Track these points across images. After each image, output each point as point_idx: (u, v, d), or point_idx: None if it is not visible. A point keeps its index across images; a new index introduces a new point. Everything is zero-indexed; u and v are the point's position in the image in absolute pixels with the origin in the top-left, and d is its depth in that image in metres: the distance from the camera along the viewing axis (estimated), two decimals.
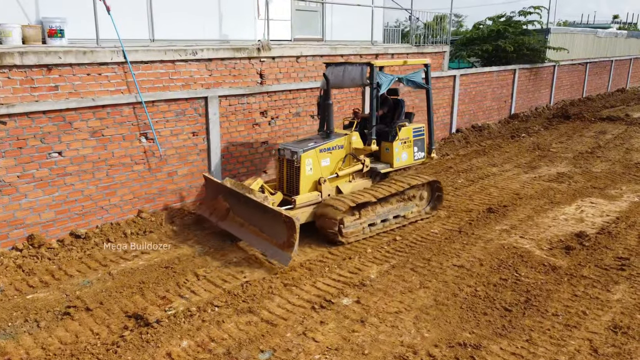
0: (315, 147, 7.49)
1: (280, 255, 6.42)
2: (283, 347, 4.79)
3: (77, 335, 4.99)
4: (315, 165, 7.50)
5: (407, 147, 8.33)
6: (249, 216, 7.02)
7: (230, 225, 7.28)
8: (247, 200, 6.92)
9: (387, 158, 8.21)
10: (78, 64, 6.87)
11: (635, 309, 5.44)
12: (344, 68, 7.99)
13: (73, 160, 7.07)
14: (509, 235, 7.54)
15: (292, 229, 6.23)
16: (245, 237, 7.00)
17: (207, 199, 8.01)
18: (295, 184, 7.45)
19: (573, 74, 22.31)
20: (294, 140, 8.48)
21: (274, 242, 6.55)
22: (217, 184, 7.62)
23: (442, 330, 5.08)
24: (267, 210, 6.62)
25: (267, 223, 6.67)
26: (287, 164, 7.55)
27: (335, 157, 7.75)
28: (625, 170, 11.28)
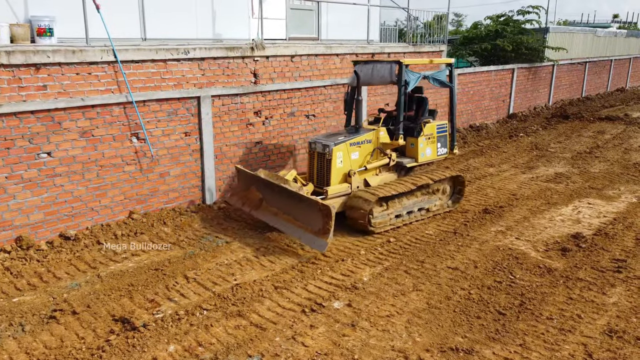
0: (345, 141, 7.82)
1: (316, 242, 6.66)
2: (271, 351, 4.70)
3: (62, 340, 4.89)
4: (346, 158, 7.83)
5: (431, 142, 8.68)
6: (283, 205, 7.30)
7: (264, 214, 7.57)
8: (282, 190, 7.22)
9: (412, 153, 8.58)
10: (67, 63, 6.77)
11: (632, 313, 5.35)
12: (373, 66, 8.29)
13: (62, 160, 6.98)
14: (505, 236, 7.45)
15: (328, 216, 6.51)
16: (280, 225, 7.25)
17: (239, 189, 8.27)
18: (326, 176, 7.80)
19: (572, 74, 22.21)
20: (324, 134, 8.73)
21: (309, 229, 6.80)
22: (251, 175, 7.92)
23: (434, 334, 4.98)
24: (302, 200, 6.93)
25: (302, 212, 6.96)
26: (317, 157, 7.90)
27: (364, 151, 8.09)
28: (623, 170, 11.18)
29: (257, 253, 6.87)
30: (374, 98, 11.72)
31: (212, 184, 8.74)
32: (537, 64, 18.82)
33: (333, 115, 10.78)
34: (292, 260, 6.66)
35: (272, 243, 7.20)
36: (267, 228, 7.76)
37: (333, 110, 10.75)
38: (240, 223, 8.01)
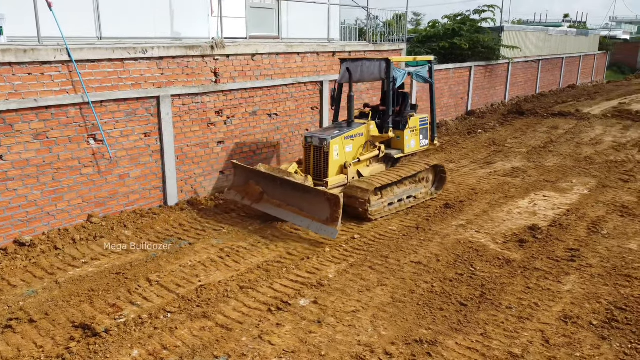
0: (341, 135, 8.29)
1: (326, 230, 7.04)
2: (238, 351, 4.67)
3: (19, 349, 4.72)
4: (341, 151, 8.31)
5: (415, 135, 9.34)
6: (286, 197, 7.63)
7: (266, 207, 7.86)
8: (285, 183, 7.59)
9: (398, 145, 9.21)
10: (18, 63, 6.52)
11: (585, 299, 5.59)
12: (362, 63, 8.82)
13: (15, 164, 6.72)
14: (465, 230, 7.64)
15: (337, 205, 6.90)
16: (284, 216, 7.60)
17: (237, 184, 8.49)
18: (323, 168, 8.23)
19: (527, 71, 22.95)
20: (318, 129, 9.19)
21: (317, 219, 7.17)
22: (249, 170, 8.26)
23: (399, 327, 5.07)
24: (308, 191, 7.34)
25: (308, 202, 7.32)
26: (314, 151, 8.31)
27: (357, 143, 8.60)
28: (575, 163, 11.64)
29: (222, 254, 6.81)
30: None
31: (173, 185, 8.60)
32: (493, 62, 19.36)
33: (295, 114, 10.79)
34: (257, 259, 6.64)
35: (237, 243, 7.16)
36: (230, 228, 7.71)
37: (295, 109, 10.75)
38: (203, 224, 7.91)
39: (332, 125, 9.05)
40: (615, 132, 15.37)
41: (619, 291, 5.74)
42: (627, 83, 31.17)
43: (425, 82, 9.50)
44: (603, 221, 7.94)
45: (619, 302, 5.50)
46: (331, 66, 11.46)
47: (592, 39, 31.95)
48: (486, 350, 4.66)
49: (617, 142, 13.80)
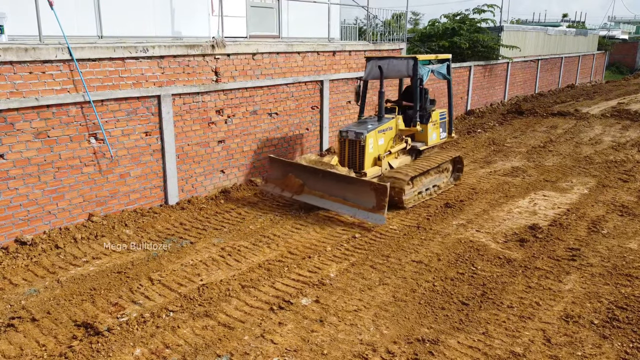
0: (375, 129, 8.79)
1: (374, 217, 7.56)
2: (240, 350, 4.68)
3: (21, 348, 4.73)
4: (375, 144, 8.85)
5: (436, 128, 9.95)
6: (329, 188, 8.11)
7: (309, 198, 8.33)
8: (329, 175, 8.08)
9: (421, 137, 9.80)
10: (19, 61, 6.52)
11: (586, 298, 5.60)
12: (389, 62, 9.35)
13: (16, 163, 6.72)
14: (466, 229, 7.65)
15: (384, 193, 7.46)
16: (327, 206, 8.11)
17: (274, 177, 8.98)
18: (359, 161, 8.74)
19: (526, 71, 22.98)
20: (351, 124, 9.56)
21: (362, 207, 7.69)
22: (288, 163, 8.82)
23: (400, 326, 5.08)
24: (353, 182, 7.88)
25: (352, 192, 7.85)
26: (349, 144, 8.82)
27: (388, 137, 9.17)
28: (575, 163, 11.67)
29: (223, 253, 6.81)
30: (336, 96, 11.79)
31: (174, 184, 8.61)
32: (492, 62, 19.39)
33: (295, 113, 10.79)
34: (258, 258, 6.64)
35: (238, 242, 7.16)
36: (231, 228, 7.71)
37: (295, 108, 10.76)
38: (204, 223, 7.92)
39: (363, 120, 9.54)
40: (615, 131, 15.40)
41: (620, 290, 5.76)
42: (625, 83, 31.20)
43: (444, 78, 10.13)
44: (603, 221, 7.96)
45: (620, 301, 5.51)
46: (331, 65, 11.47)
47: (591, 39, 32.00)
48: (488, 350, 4.68)
49: (617, 142, 13.83)
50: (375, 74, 9.30)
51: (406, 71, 9.18)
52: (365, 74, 9.57)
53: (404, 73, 9.27)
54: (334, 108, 11.80)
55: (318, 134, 11.55)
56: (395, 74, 9.46)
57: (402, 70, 9.22)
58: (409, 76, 9.28)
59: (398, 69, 9.25)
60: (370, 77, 9.54)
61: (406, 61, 9.18)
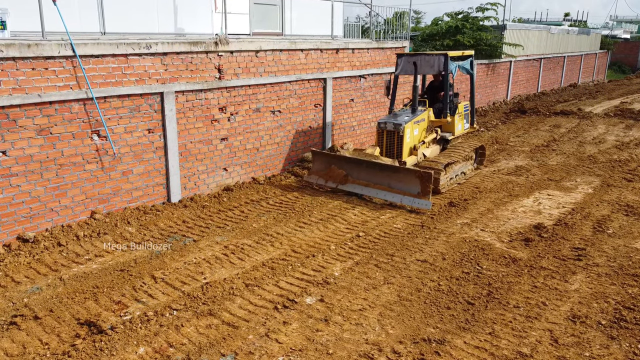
0: (411, 120, 9.48)
1: (420, 203, 8.25)
2: (245, 350, 4.64)
3: (24, 346, 4.69)
4: (411, 134, 9.53)
5: (461, 119, 10.82)
6: (373, 177, 8.81)
7: (353, 187, 9.01)
8: (373, 165, 8.76)
9: (448, 128, 10.60)
10: (22, 57, 6.47)
11: (592, 298, 5.56)
12: (421, 58, 9.96)
13: (19, 160, 6.67)
14: (470, 228, 7.60)
15: (429, 180, 8.16)
16: (373, 193, 8.75)
17: (317, 169, 9.65)
18: (397, 150, 9.44)
19: (528, 70, 22.90)
20: (388, 116, 10.06)
21: (408, 193, 8.39)
22: (330, 156, 9.55)
23: (406, 326, 5.04)
24: (398, 170, 8.56)
25: (397, 180, 8.54)
26: (387, 135, 9.52)
27: (421, 127, 9.90)
28: (579, 162, 11.61)
29: (226, 251, 6.77)
30: (339, 94, 11.74)
31: (177, 181, 8.56)
32: (495, 60, 19.31)
33: (298, 111, 10.74)
34: (262, 257, 6.60)
35: (241, 240, 7.12)
36: (234, 226, 7.67)
37: (298, 106, 10.71)
38: (206, 221, 7.87)
39: (398, 113, 10.08)
40: (618, 131, 15.34)
41: (627, 291, 5.71)
42: (628, 82, 31.13)
43: (467, 73, 10.80)
44: (608, 220, 7.91)
45: (627, 301, 5.47)
46: (334, 63, 11.41)
47: (594, 38, 31.90)
48: (495, 350, 4.63)
49: (620, 141, 13.77)
50: (407, 69, 9.96)
51: (437, 67, 9.80)
52: (397, 70, 10.18)
53: (435, 68, 9.86)
54: (337, 106, 11.75)
55: (321, 131, 11.50)
56: (428, 70, 10.01)
57: (433, 66, 9.84)
58: (439, 71, 9.87)
59: (430, 64, 9.88)
60: (402, 72, 10.18)
61: (437, 57, 9.79)
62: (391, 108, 10.65)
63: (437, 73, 10.07)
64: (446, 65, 9.73)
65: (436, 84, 10.76)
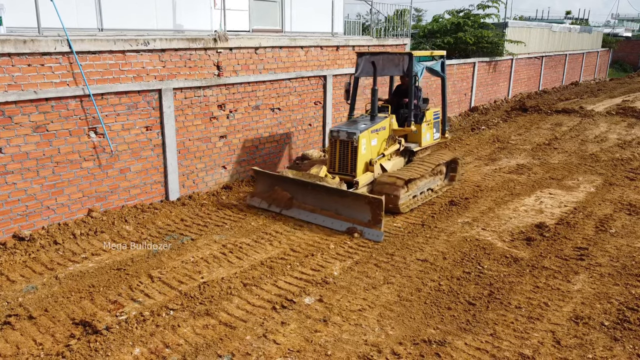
0: (368, 129, 8.20)
1: (370, 233, 7.10)
2: (242, 350, 4.57)
3: (18, 347, 4.61)
4: (368, 145, 8.26)
5: (430, 128, 9.45)
6: (320, 202, 7.62)
7: (298, 212, 7.82)
8: (318, 188, 7.55)
9: (414, 138, 9.27)
10: (17, 53, 6.38)
11: (595, 299, 5.48)
12: (382, 58, 8.70)
13: (14, 157, 6.59)
14: (471, 227, 7.52)
15: (380, 207, 6.98)
16: (320, 221, 7.54)
17: (260, 191, 8.40)
18: (351, 163, 8.19)
19: (530, 68, 22.79)
20: (342, 123, 8.85)
21: (357, 222, 7.25)
22: (273, 176, 8.23)
23: (406, 327, 4.96)
24: (345, 195, 7.36)
25: (345, 206, 7.37)
26: (340, 145, 8.23)
27: (381, 137, 8.58)
28: (581, 161, 11.52)
29: (224, 250, 6.69)
30: (340, 91, 11.65)
31: (175, 179, 8.48)
32: (497, 58, 19.20)
33: (298, 109, 10.65)
34: (260, 256, 6.52)
35: (239, 239, 7.04)
36: (232, 225, 7.59)
37: (298, 104, 10.62)
38: (205, 219, 7.80)
39: (355, 119, 8.90)
40: (620, 129, 15.24)
41: (630, 291, 5.63)
42: (629, 80, 31.01)
43: (438, 76, 9.64)
44: (611, 219, 7.83)
45: (630, 302, 5.39)
46: (335, 60, 11.32)
47: (595, 36, 31.77)
48: (496, 351, 4.56)
49: (622, 140, 13.68)
50: (369, 70, 8.77)
51: (401, 68, 8.60)
52: (357, 71, 9.00)
53: (398, 70, 8.68)
54: (337, 104, 11.66)
55: (321, 129, 11.41)
56: (389, 71, 8.87)
57: (396, 66, 8.64)
58: (403, 73, 8.71)
59: (392, 65, 8.67)
60: (363, 74, 8.97)
61: (401, 57, 8.57)
62: (350, 114, 9.35)
63: (401, 75, 8.90)
64: (410, 67, 8.47)
65: (403, 87, 9.43)
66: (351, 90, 9.18)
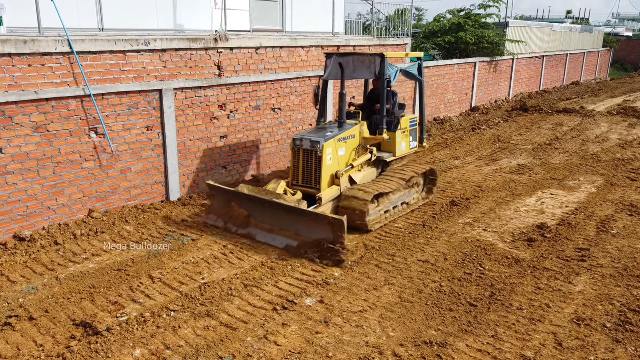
0: (334, 137, 7.43)
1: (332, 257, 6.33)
2: (243, 352, 4.55)
3: (18, 348, 4.61)
4: (334, 155, 7.47)
5: (405, 136, 8.60)
6: (278, 221, 6.86)
7: (255, 232, 7.03)
8: (276, 206, 6.77)
9: (388, 147, 8.41)
10: (18, 54, 6.37)
11: (597, 301, 5.46)
12: (353, 59, 7.99)
13: (15, 157, 6.59)
14: (473, 228, 7.51)
15: (341, 229, 6.24)
16: (278, 243, 6.73)
17: (217, 208, 7.63)
18: (315, 176, 7.38)
19: (531, 67, 22.77)
20: (307, 131, 8.29)
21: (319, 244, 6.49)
22: (229, 192, 7.41)
23: (407, 328, 4.95)
24: (306, 214, 6.58)
25: (305, 226, 6.59)
26: (304, 155, 7.44)
27: (350, 146, 7.80)
28: (582, 161, 11.51)
29: (225, 250, 6.68)
30: None
31: (176, 180, 8.47)
32: (497, 58, 19.18)
33: (299, 109, 10.64)
34: (261, 257, 6.51)
35: (241, 240, 7.02)
36: None
37: (299, 104, 10.61)
38: None
39: (322, 127, 8.11)
40: (621, 129, 15.22)
41: (632, 292, 5.62)
42: (630, 80, 30.98)
43: (414, 79, 8.92)
44: (612, 220, 7.81)
45: (632, 303, 5.37)
46: None
47: (597, 36, 31.75)
48: (498, 353, 4.54)
49: (624, 140, 13.66)
50: (337, 72, 7.99)
51: (372, 70, 7.83)
52: (326, 73, 8.23)
53: (370, 72, 7.91)
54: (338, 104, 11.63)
55: None
56: (361, 74, 8.09)
57: (367, 69, 7.88)
58: (375, 76, 7.92)
59: (363, 67, 7.92)
60: (332, 76, 8.20)
61: (372, 58, 7.79)
62: (319, 121, 8.59)
63: (373, 78, 8.11)
64: (382, 69, 7.68)
65: (377, 92, 8.47)
66: (320, 94, 8.37)
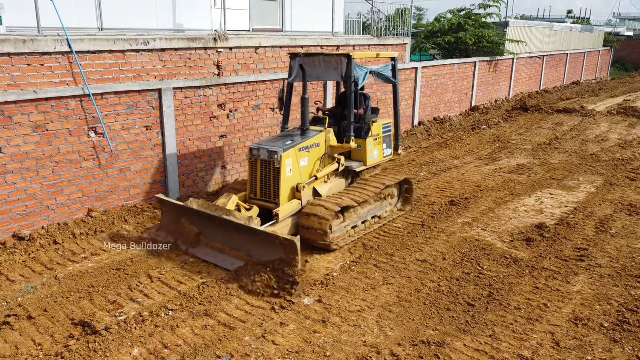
0: (294, 146, 6.77)
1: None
2: (241, 351, 4.57)
3: (17, 347, 4.62)
4: (295, 166, 6.81)
5: (378, 144, 7.95)
6: (229, 240, 6.27)
7: (205, 252, 6.42)
8: (227, 223, 6.17)
9: (359, 156, 7.75)
10: (17, 53, 6.38)
11: (595, 300, 5.47)
12: (318, 60, 7.37)
13: (14, 157, 6.60)
14: (471, 228, 7.51)
15: (294, 251, 5.57)
16: (228, 265, 6.11)
17: (166, 224, 7.00)
18: (274, 188, 6.73)
19: (531, 67, 22.76)
20: (266, 139, 7.48)
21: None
22: (179, 206, 6.74)
23: (405, 328, 4.96)
24: (257, 233, 5.94)
25: (257, 246, 5.97)
26: (262, 166, 6.78)
27: (314, 156, 7.13)
28: (581, 161, 11.50)
29: None
30: None
31: (175, 179, 8.48)
32: (497, 58, 19.18)
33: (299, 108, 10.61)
34: None
35: None
36: None
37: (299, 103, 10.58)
38: None
39: (283, 134, 7.50)
40: (621, 129, 15.22)
41: (630, 292, 5.62)
42: (631, 80, 30.95)
43: (387, 82, 8.08)
44: (611, 220, 7.81)
45: (630, 303, 5.38)
46: None
47: (597, 36, 31.72)
48: (495, 353, 4.55)
49: (623, 140, 13.65)
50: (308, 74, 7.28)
51: (339, 72, 7.22)
52: (291, 75, 7.56)
53: (337, 74, 7.28)
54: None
55: None
56: (328, 75, 7.52)
57: (334, 70, 7.26)
58: (341, 78, 7.31)
59: (330, 68, 7.29)
60: (298, 78, 7.46)
61: (339, 59, 7.18)
62: (284, 126, 7.94)
63: (340, 80, 7.45)
64: (349, 70, 7.05)
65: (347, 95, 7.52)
66: (284, 97, 7.66)
